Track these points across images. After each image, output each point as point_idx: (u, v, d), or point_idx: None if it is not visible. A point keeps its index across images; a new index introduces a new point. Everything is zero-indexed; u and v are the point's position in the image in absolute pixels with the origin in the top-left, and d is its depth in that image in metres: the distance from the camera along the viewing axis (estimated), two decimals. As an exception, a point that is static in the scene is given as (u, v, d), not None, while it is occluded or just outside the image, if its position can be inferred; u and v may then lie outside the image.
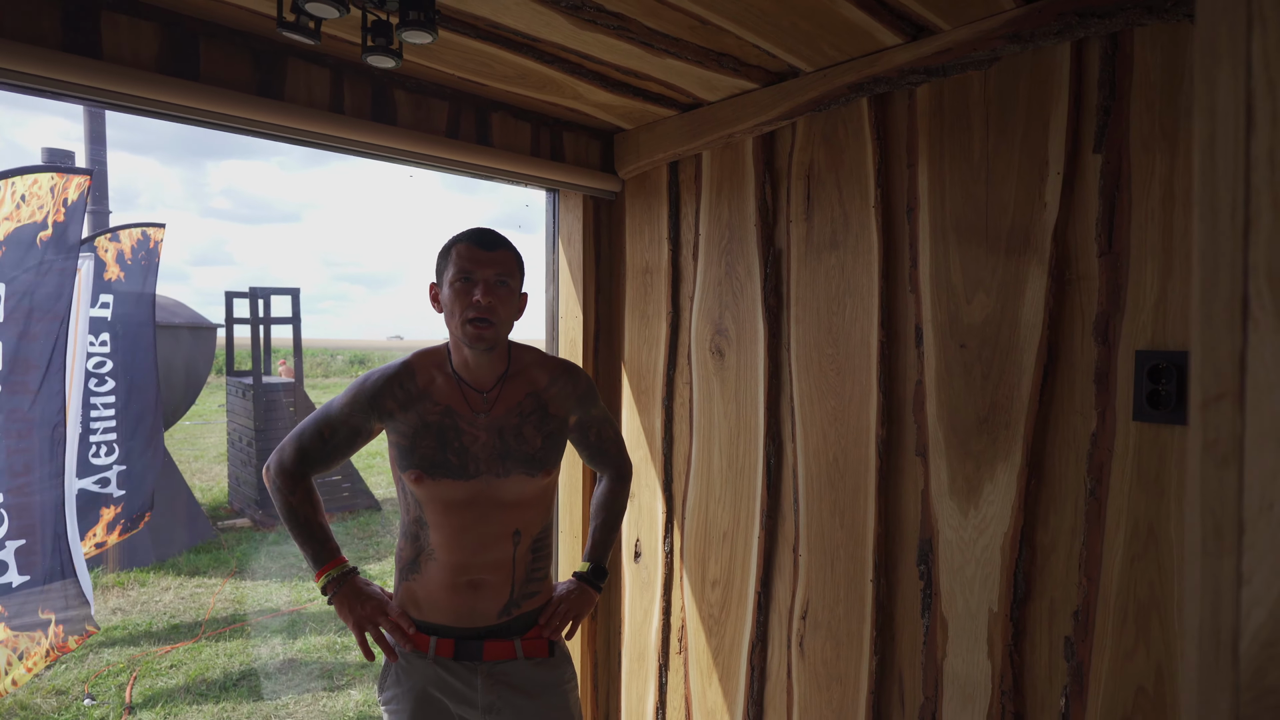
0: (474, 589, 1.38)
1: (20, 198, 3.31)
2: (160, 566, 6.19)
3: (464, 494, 1.36)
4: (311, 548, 1.43)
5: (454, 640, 1.39)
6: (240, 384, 7.61)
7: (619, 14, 1.46)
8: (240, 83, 1.57)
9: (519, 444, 1.39)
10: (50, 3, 1.35)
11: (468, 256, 1.34)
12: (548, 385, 1.45)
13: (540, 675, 1.44)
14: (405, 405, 1.38)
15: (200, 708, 3.91)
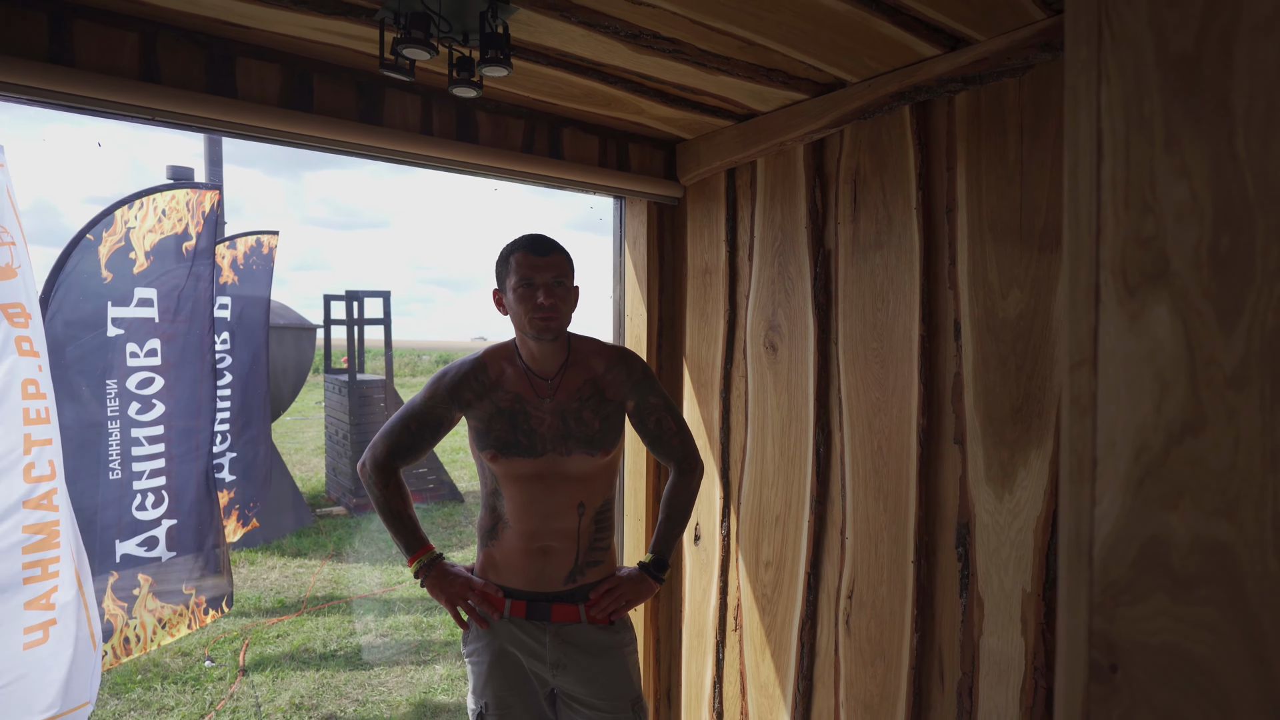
0: (544, 555, 1.57)
1: (161, 212, 3.75)
2: (267, 548, 6.74)
3: (533, 470, 1.55)
4: (403, 537, 1.62)
5: (526, 602, 1.58)
6: (337, 381, 8.17)
7: (673, 39, 1.61)
8: (346, 111, 1.81)
9: (579, 426, 1.56)
10: (196, 53, 1.62)
11: (527, 264, 1.53)
12: (604, 372, 1.62)
13: (602, 638, 1.60)
14: (480, 395, 1.58)
15: (303, 673, 4.29)
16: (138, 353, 3.59)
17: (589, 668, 1.58)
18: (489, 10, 1.38)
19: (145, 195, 3.74)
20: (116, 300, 3.50)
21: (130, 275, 3.54)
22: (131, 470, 3.60)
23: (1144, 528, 0.47)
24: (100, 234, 3.48)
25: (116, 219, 3.57)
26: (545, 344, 1.57)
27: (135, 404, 3.60)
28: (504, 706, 1.58)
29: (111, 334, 3.51)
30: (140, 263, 3.62)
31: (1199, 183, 0.44)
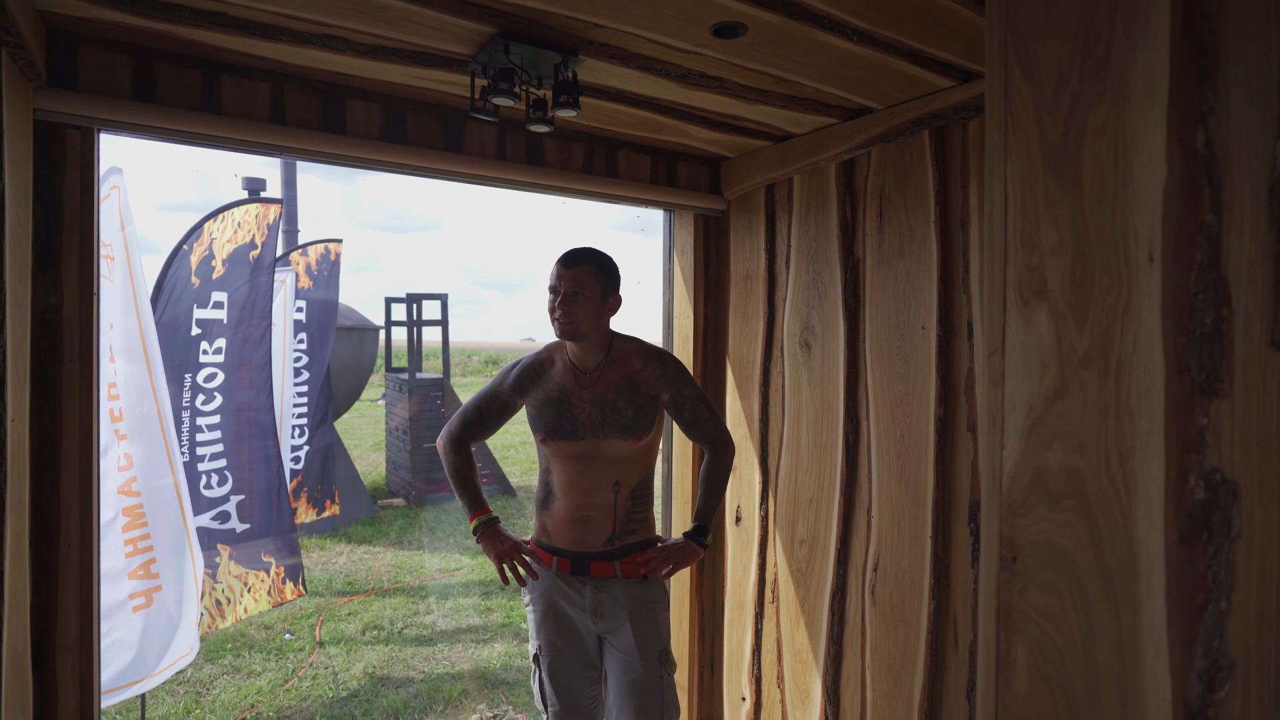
0: (584, 523, 1.83)
1: (236, 224, 4.16)
2: (334, 535, 7.19)
3: (575, 451, 1.81)
4: (467, 498, 1.92)
5: (570, 559, 1.84)
6: (397, 379, 8.62)
7: (717, 77, 1.86)
8: (434, 142, 2.11)
9: (614, 414, 1.81)
10: (314, 98, 1.92)
11: (554, 274, 1.80)
12: (641, 369, 1.85)
13: (635, 592, 1.85)
14: (536, 384, 1.86)
15: (373, 647, 4.65)
16: (208, 350, 4.01)
17: (620, 616, 1.83)
18: (562, 62, 1.65)
19: (226, 210, 4.16)
20: (200, 304, 3.92)
21: (210, 281, 3.96)
22: (196, 454, 4.01)
23: (1031, 462, 0.68)
24: (192, 244, 3.90)
25: (204, 231, 3.99)
26: (580, 342, 1.82)
27: (201, 396, 4.01)
28: (554, 649, 1.86)
29: (194, 333, 3.93)
30: (218, 270, 4.04)
31: (1063, 230, 0.66)
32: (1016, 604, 0.69)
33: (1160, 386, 0.59)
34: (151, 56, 1.71)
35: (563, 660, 1.87)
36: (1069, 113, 0.66)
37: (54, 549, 1.68)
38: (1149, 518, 0.60)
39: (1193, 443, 0.57)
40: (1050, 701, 0.66)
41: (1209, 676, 0.56)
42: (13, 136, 1.40)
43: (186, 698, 4.02)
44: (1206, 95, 0.57)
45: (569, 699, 1.87)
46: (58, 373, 1.67)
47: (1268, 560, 0.54)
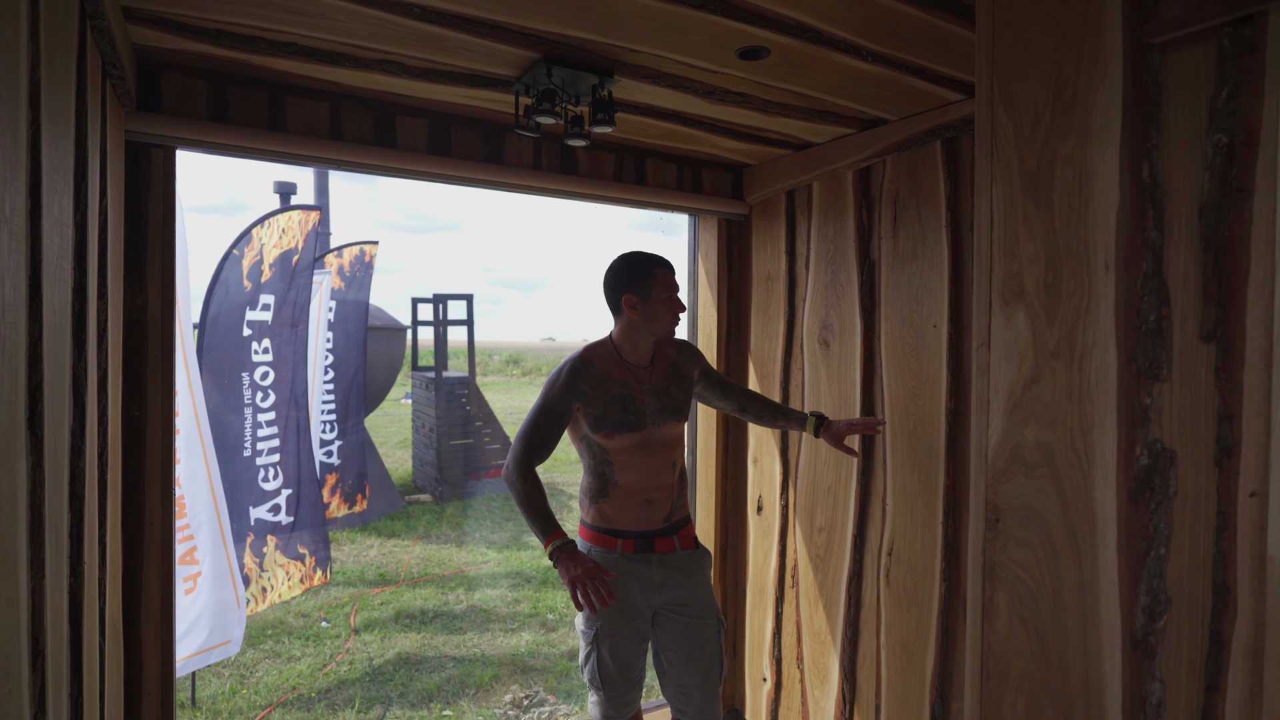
0: (649, 504, 1.97)
1: (281, 230, 4.37)
2: (364, 529, 7.41)
3: (640, 440, 1.95)
4: (540, 524, 1.86)
5: (634, 540, 1.98)
6: (424, 378, 8.84)
7: (741, 93, 1.99)
8: (476, 154, 2.26)
9: (669, 400, 1.97)
10: (367, 115, 2.09)
11: (673, 280, 1.95)
12: (676, 355, 2.05)
13: (692, 562, 2.01)
14: (593, 386, 1.95)
15: (406, 635, 4.84)
16: (258, 350, 4.22)
17: (683, 584, 2.00)
18: (599, 82, 1.80)
19: (272, 216, 4.38)
20: (250, 306, 4.13)
21: (259, 284, 4.17)
22: (256, 449, 4.23)
23: (1012, 438, 0.81)
24: (243, 250, 4.12)
25: (254, 236, 4.21)
26: (651, 340, 1.97)
27: (259, 393, 4.23)
28: (616, 629, 1.98)
29: (245, 334, 4.14)
30: (266, 273, 4.25)
31: (1038, 243, 0.79)
32: (998, 558, 0.82)
33: (1114, 373, 0.72)
34: (225, 80, 1.89)
35: (623, 639, 1.99)
36: (1042, 145, 0.78)
37: (139, 527, 1.86)
38: (1104, 481, 0.73)
39: (1139, 419, 0.70)
40: (1026, 639, 0.79)
41: (1150, 610, 0.69)
42: (113, 157, 1.58)
43: (232, 679, 4.24)
44: (1151, 134, 0.70)
45: (627, 674, 1.99)
46: (143, 368, 1.85)
47: (1197, 513, 0.67)
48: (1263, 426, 0.62)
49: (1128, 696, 0.68)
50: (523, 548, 6.93)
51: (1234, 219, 0.63)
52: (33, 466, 0.93)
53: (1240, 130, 0.63)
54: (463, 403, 8.71)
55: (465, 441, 8.69)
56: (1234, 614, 0.63)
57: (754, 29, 1.56)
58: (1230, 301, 0.63)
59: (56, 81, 1.05)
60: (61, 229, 1.10)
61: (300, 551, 4.49)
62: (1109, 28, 0.70)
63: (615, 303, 1.99)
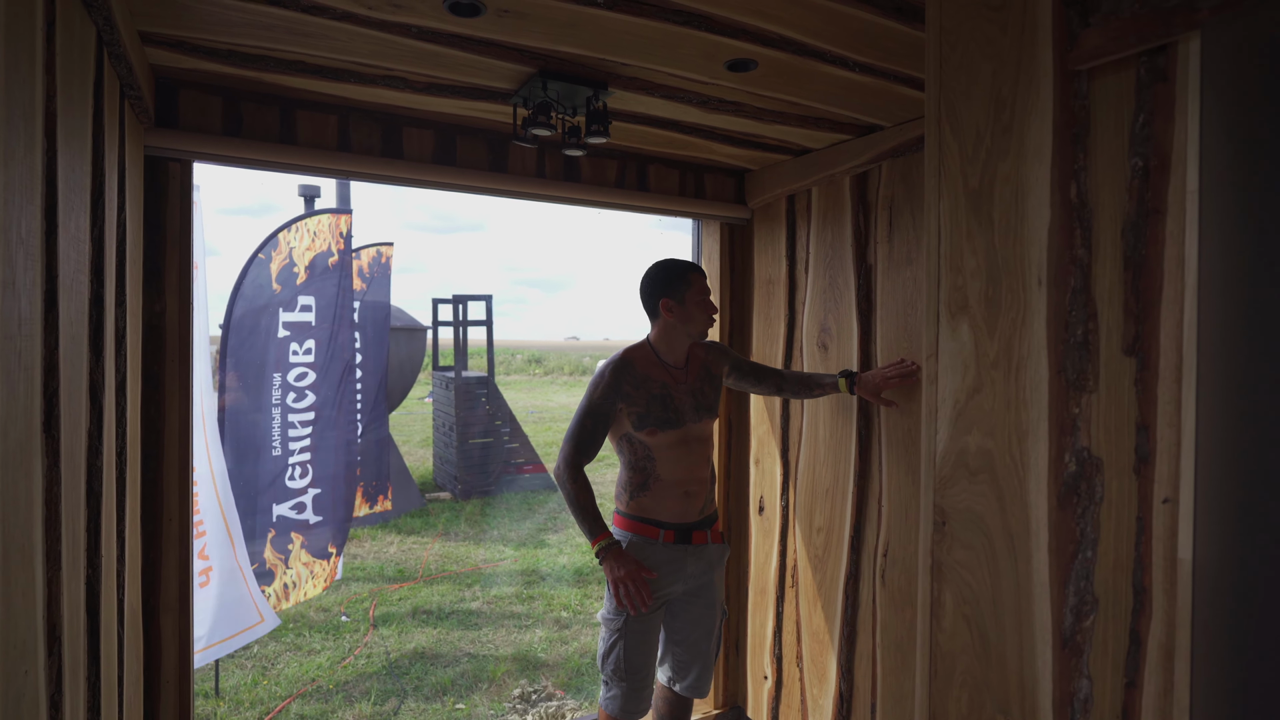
0: (688, 497, 2.07)
1: (312, 234, 4.48)
2: (384, 526, 7.55)
3: (680, 437, 2.04)
4: (588, 524, 1.97)
5: (674, 531, 2.04)
6: (444, 377, 8.97)
7: (735, 102, 2.04)
8: (480, 163, 2.33)
9: (703, 398, 2.08)
10: (374, 127, 2.17)
11: (706, 284, 2.08)
12: (706, 355, 2.16)
13: (719, 555, 2.16)
14: (636, 386, 2.03)
15: (423, 630, 4.94)
16: (298, 350, 4.33)
17: (711, 574, 2.14)
18: (593, 94, 1.85)
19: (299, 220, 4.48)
20: (285, 307, 4.24)
21: (294, 286, 4.28)
22: (287, 449, 4.34)
23: (956, 445, 0.85)
24: (269, 253, 4.23)
25: (280, 240, 4.32)
26: (687, 341, 2.08)
27: (293, 394, 4.34)
28: (644, 619, 2.04)
29: (280, 335, 4.25)
30: (301, 275, 4.35)
31: (980, 258, 0.83)
32: (945, 559, 0.86)
33: (1046, 383, 0.75)
34: (238, 96, 1.97)
35: (649, 629, 2.07)
36: (984, 164, 0.82)
37: (158, 523, 1.95)
38: (1037, 486, 0.76)
39: (1068, 427, 0.74)
40: (969, 636, 0.82)
41: (1078, 610, 0.73)
42: (132, 172, 1.67)
43: (254, 670, 4.37)
44: (1079, 156, 0.73)
45: (648, 662, 2.08)
46: (161, 372, 1.94)
47: (1121, 518, 0.70)
48: (1174, 436, 0.65)
49: (1058, 693, 0.71)
50: (539, 546, 7.02)
51: (1150, 239, 0.66)
52: (49, 467, 1.00)
53: (1155, 154, 0.66)
54: (482, 402, 8.83)
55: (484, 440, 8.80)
56: (1149, 614, 0.66)
57: (739, 43, 1.61)
58: (1146, 317, 0.67)
59: (73, 108, 1.13)
60: (78, 245, 1.18)
61: (329, 550, 4.59)
62: (1041, 54, 0.73)
63: (653, 307, 2.10)
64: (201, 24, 1.57)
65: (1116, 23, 0.66)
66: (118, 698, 1.55)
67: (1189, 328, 0.63)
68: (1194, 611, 0.61)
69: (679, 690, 2.17)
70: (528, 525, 7.74)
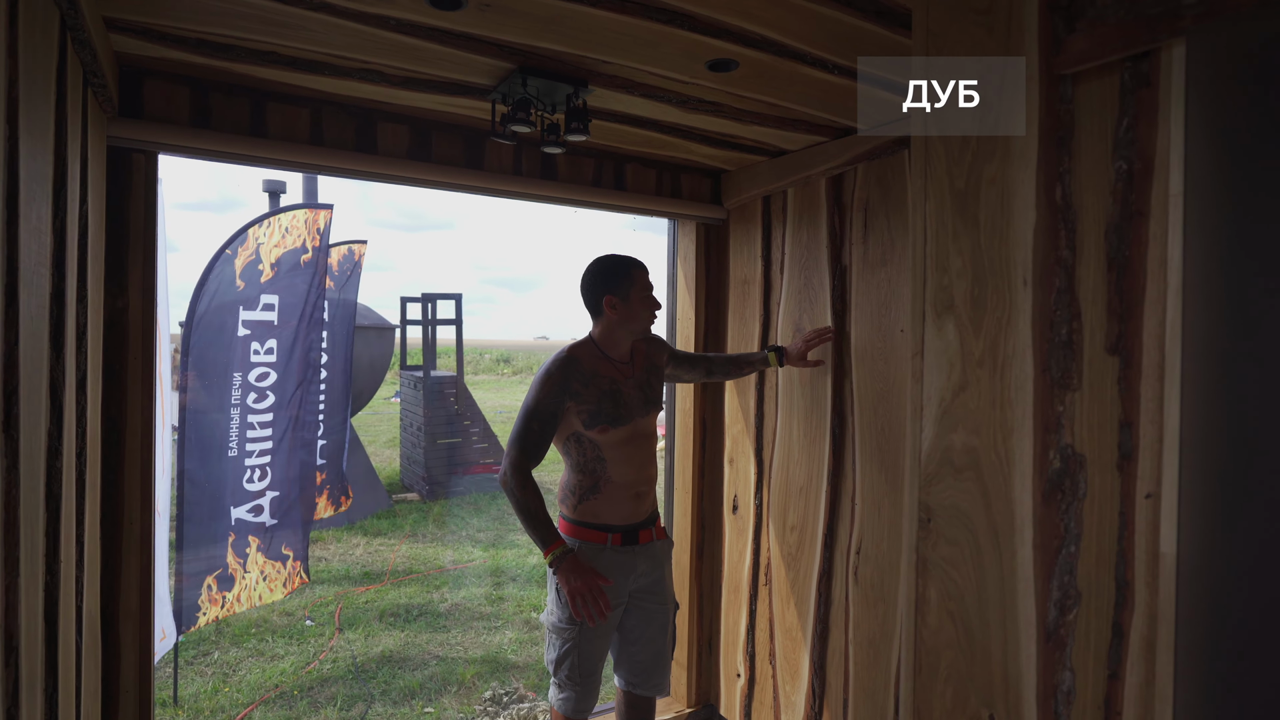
0: (638, 497, 2.06)
1: (285, 229, 4.37)
2: (350, 528, 7.42)
3: (629, 433, 2.02)
4: (539, 532, 1.90)
5: (622, 533, 2.03)
6: (412, 377, 8.85)
7: (714, 102, 2.04)
8: (456, 159, 2.30)
9: (649, 391, 2.08)
10: (349, 121, 2.13)
11: (648, 279, 2.07)
12: (647, 349, 2.15)
13: (664, 550, 2.16)
14: (585, 384, 2.00)
15: (390, 633, 4.87)
16: (259, 350, 4.22)
17: (656, 571, 2.13)
18: (573, 92, 1.84)
19: (273, 215, 4.37)
20: (246, 305, 4.13)
21: (258, 284, 4.17)
22: (245, 449, 4.24)
23: (942, 442, 0.86)
24: (236, 249, 4.12)
25: (249, 236, 4.21)
26: (631, 337, 2.06)
27: (253, 394, 4.24)
28: (598, 622, 2.03)
29: (240, 334, 4.15)
30: (266, 273, 4.25)
31: (966, 259, 0.84)
32: (930, 555, 0.87)
33: (1030, 382, 0.77)
34: (207, 87, 1.92)
35: (603, 633, 2.05)
36: (970, 166, 0.83)
37: (118, 527, 1.89)
38: (1022, 483, 0.78)
39: (1052, 425, 0.75)
40: (954, 632, 0.83)
41: (1061, 604, 0.74)
42: (94, 163, 1.61)
43: (215, 678, 4.25)
44: (1063, 159, 0.75)
45: (596, 665, 2.06)
46: (123, 370, 1.88)
47: (1103, 513, 0.72)
48: (1156, 433, 0.67)
49: (1041, 685, 0.73)
50: (508, 546, 6.96)
51: (1133, 240, 0.68)
52: (7, 469, 0.96)
53: (1138, 158, 0.67)
54: (450, 402, 8.73)
55: (452, 440, 8.71)
56: (1132, 607, 0.68)
57: (721, 43, 1.61)
58: (1130, 317, 0.68)
59: (36, 94, 1.09)
60: (39, 237, 1.14)
61: (284, 553, 4.49)
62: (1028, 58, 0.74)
63: (595, 305, 2.06)
64: (170, 11, 1.52)
65: (1102, 28, 0.67)
66: (75, 710, 1.50)
67: (1171, 327, 0.65)
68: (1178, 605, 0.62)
69: (640, 693, 2.15)
70: (496, 526, 7.67)
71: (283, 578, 4.50)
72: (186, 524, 3.90)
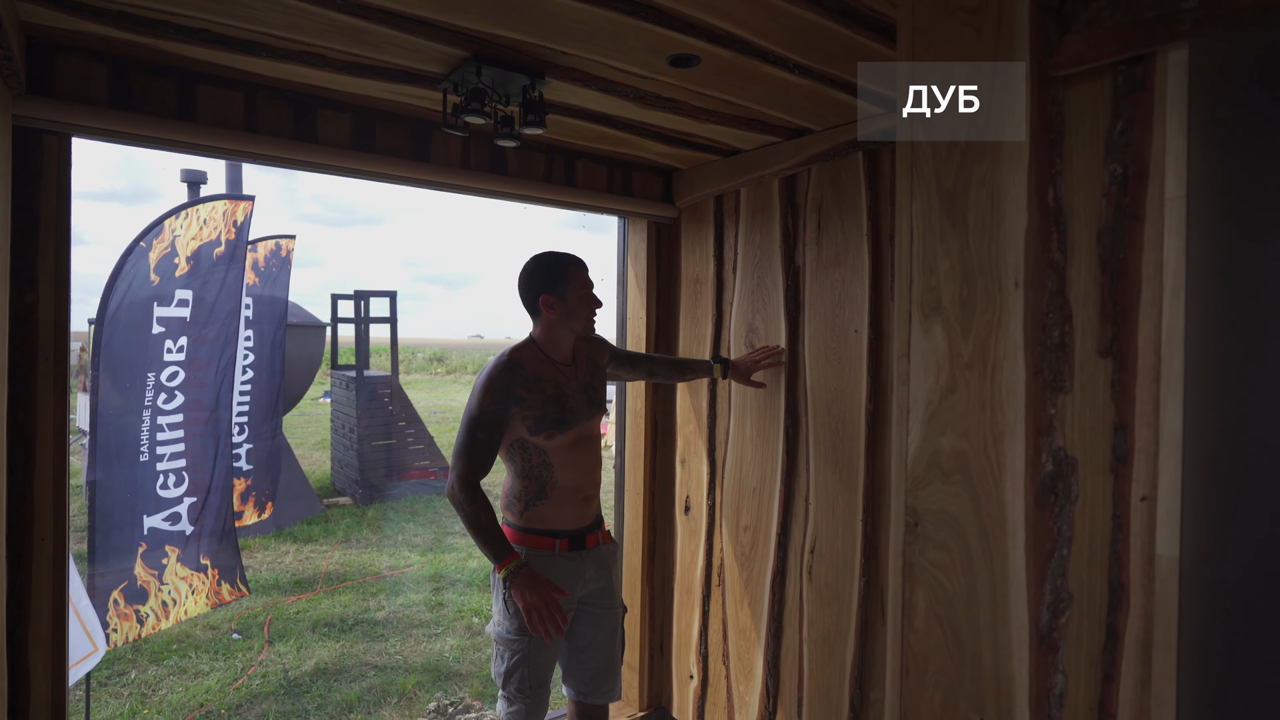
0: (586, 501, 2.01)
1: (203, 221, 4.11)
2: (280, 535, 7.10)
3: (575, 437, 1.96)
4: (492, 547, 1.83)
5: (570, 538, 1.98)
6: (344, 377, 8.53)
7: (672, 99, 2.01)
8: (402, 151, 2.20)
9: (593, 393, 2.02)
10: (285, 107, 2.00)
11: (587, 277, 1.99)
12: (588, 349, 2.10)
13: (611, 554, 2.11)
14: (529, 388, 1.92)
15: (324, 644, 4.67)
16: (171, 348, 3.97)
17: (605, 575, 2.08)
18: (530, 83, 1.78)
19: (191, 206, 4.11)
20: (161, 301, 3.87)
21: (173, 278, 3.92)
22: (156, 453, 3.98)
23: (929, 446, 0.86)
24: (151, 241, 3.86)
25: (165, 228, 3.95)
26: (572, 337, 1.99)
27: (164, 395, 3.98)
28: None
29: (155, 331, 3.89)
30: (181, 267, 3.99)
31: (954, 260, 0.83)
32: (917, 560, 0.86)
33: (1022, 385, 0.77)
34: (129, 65, 1.77)
35: (554, 644, 1.99)
36: (958, 167, 0.83)
37: (28, 543, 1.73)
38: (1014, 486, 0.77)
39: (1044, 428, 0.75)
40: (942, 637, 0.83)
41: (1054, 607, 0.74)
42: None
43: (132, 699, 3.99)
44: (1055, 161, 0.75)
45: (547, 676, 2.00)
46: (33, 372, 1.71)
47: (1095, 516, 0.72)
48: (1152, 436, 0.67)
49: (1034, 689, 0.73)
50: (446, 550, 6.79)
51: (1128, 243, 0.68)
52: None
53: (1133, 161, 0.68)
54: (385, 403, 8.46)
55: (388, 442, 8.44)
56: (1127, 609, 0.68)
57: (685, 37, 1.58)
58: (1125, 320, 0.69)
59: (-66, 63, 0.97)
60: (-60, 224, 1.01)
61: (203, 563, 4.23)
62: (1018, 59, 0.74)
63: (533, 304, 1.99)
64: (89, -21, 1.39)
65: (1098, 31, 0.67)
66: (-18, 746, 1.36)
67: (1168, 330, 0.65)
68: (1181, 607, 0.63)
69: (593, 701, 2.10)
70: (434, 529, 7.47)
71: (206, 589, 4.25)
72: (98, 535, 3.63)
